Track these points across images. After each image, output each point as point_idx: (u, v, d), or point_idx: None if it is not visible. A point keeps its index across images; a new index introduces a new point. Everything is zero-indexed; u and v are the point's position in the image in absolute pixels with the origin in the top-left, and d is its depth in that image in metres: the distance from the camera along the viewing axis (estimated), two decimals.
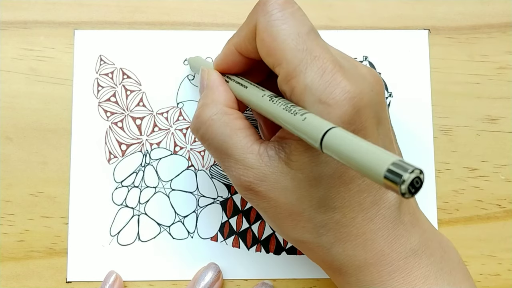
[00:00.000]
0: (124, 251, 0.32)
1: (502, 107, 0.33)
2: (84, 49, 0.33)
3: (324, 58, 0.22)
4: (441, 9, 0.34)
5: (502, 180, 0.33)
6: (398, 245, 0.23)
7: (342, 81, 0.22)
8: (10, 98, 0.33)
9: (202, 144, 0.26)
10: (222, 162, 0.25)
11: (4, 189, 0.32)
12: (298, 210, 0.23)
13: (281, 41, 0.23)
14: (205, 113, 0.25)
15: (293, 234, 0.24)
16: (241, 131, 0.24)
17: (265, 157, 0.24)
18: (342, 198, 0.23)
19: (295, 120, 0.21)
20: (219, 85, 0.27)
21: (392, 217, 0.24)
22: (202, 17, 0.34)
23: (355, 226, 0.23)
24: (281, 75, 0.23)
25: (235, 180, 0.24)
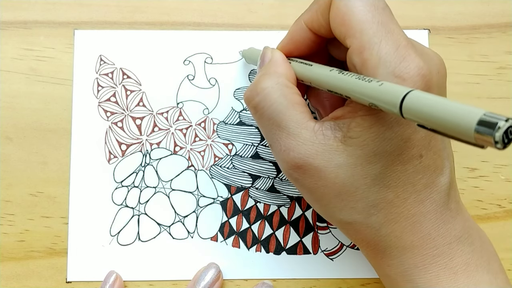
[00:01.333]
0: (124, 251, 0.32)
1: (502, 107, 0.33)
2: (84, 49, 0.33)
3: (399, 33, 0.23)
4: (441, 9, 0.34)
5: (502, 180, 0.33)
6: (444, 230, 0.24)
7: (416, 58, 0.22)
8: (10, 98, 0.33)
9: (254, 114, 0.25)
10: (273, 134, 0.24)
11: (4, 189, 0.32)
12: (349, 189, 0.23)
13: (357, 12, 0.23)
14: (265, 81, 0.25)
15: (341, 215, 0.24)
16: (298, 106, 0.24)
17: (320, 135, 0.23)
18: (397, 178, 0.23)
19: (371, 87, 0.21)
20: (283, 60, 0.26)
21: (441, 202, 0.24)
22: (202, 17, 0.34)
23: (406, 207, 0.23)
24: (353, 46, 0.23)
25: (284, 155, 0.24)
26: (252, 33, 0.33)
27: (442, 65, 0.25)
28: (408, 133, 0.22)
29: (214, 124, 0.33)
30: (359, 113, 0.23)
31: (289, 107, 0.24)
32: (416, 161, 0.23)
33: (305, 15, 0.26)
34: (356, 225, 0.24)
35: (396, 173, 0.23)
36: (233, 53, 0.33)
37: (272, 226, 0.32)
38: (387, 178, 0.23)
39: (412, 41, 0.23)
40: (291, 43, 0.27)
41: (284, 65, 0.26)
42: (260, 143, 0.33)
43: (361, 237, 0.25)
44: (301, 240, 0.32)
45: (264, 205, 0.32)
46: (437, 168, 0.23)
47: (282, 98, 0.24)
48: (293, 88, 0.25)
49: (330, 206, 0.24)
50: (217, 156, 0.33)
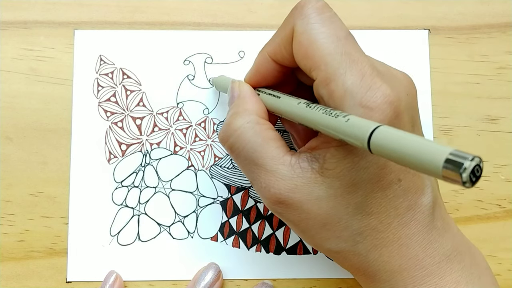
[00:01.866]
0: (124, 251, 0.32)
1: (502, 107, 0.33)
2: (84, 49, 0.33)
3: (363, 61, 0.22)
4: (441, 9, 0.34)
5: (502, 180, 0.33)
6: (432, 250, 0.23)
7: (382, 85, 0.22)
8: (10, 98, 0.33)
9: (231, 154, 0.25)
10: (251, 173, 0.24)
11: (4, 189, 0.32)
12: (333, 220, 0.23)
13: (320, 44, 0.23)
14: (236, 121, 0.25)
15: (328, 245, 0.24)
16: (273, 141, 0.24)
17: (297, 168, 0.23)
18: (379, 204, 0.23)
19: (338, 122, 0.21)
20: (251, 95, 0.26)
21: (426, 222, 0.24)
22: (202, 17, 0.34)
23: (391, 232, 0.23)
24: (319, 79, 0.23)
25: (265, 192, 0.24)
26: (252, 33, 0.33)
27: (411, 86, 0.25)
28: (383, 160, 0.22)
29: (214, 124, 0.33)
30: (332, 143, 0.23)
31: (264, 145, 0.24)
32: (395, 185, 0.23)
33: (268, 47, 0.26)
34: (344, 253, 0.24)
35: (377, 200, 0.23)
36: (233, 53, 0.33)
37: (272, 226, 0.32)
38: (369, 205, 0.23)
39: (378, 67, 0.23)
40: (257, 75, 0.27)
41: (252, 100, 0.26)
42: None
43: (350, 264, 0.25)
44: (301, 240, 0.32)
45: (264, 205, 0.32)
46: (418, 189, 0.23)
47: (255, 137, 0.24)
48: (265, 123, 0.25)
49: (317, 237, 0.24)
50: (217, 156, 0.33)
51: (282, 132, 0.33)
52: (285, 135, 0.33)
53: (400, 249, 0.23)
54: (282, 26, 0.25)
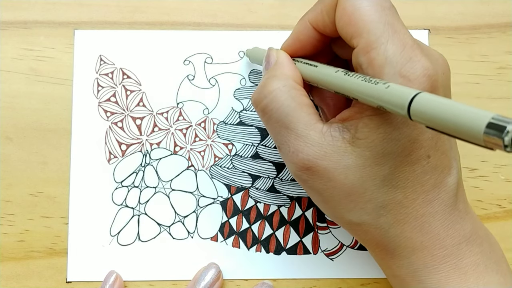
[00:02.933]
0: (124, 251, 0.32)
1: (502, 107, 0.33)
2: (84, 49, 0.33)
3: (405, 33, 0.23)
4: (441, 9, 0.34)
5: (502, 180, 0.33)
6: (453, 230, 0.24)
7: (422, 58, 0.22)
8: (10, 98, 0.33)
9: (262, 116, 0.25)
10: (281, 136, 0.24)
11: (4, 189, 0.32)
12: (359, 190, 0.23)
13: (364, 12, 0.23)
14: (273, 83, 0.25)
15: (350, 216, 0.24)
16: (306, 107, 0.24)
17: (328, 136, 0.23)
18: (406, 178, 0.23)
19: (377, 89, 0.21)
20: (289, 62, 0.26)
21: (450, 203, 0.24)
22: (202, 17, 0.34)
23: (415, 208, 0.23)
24: (360, 46, 0.23)
25: (293, 156, 0.24)
26: (252, 33, 0.33)
27: (447, 66, 0.25)
28: (416, 134, 0.22)
29: (214, 124, 0.33)
30: (365, 113, 0.23)
31: (297, 109, 0.24)
32: (424, 161, 0.23)
33: (310, 15, 0.26)
34: (365, 226, 0.24)
35: (405, 174, 0.23)
36: (233, 53, 0.33)
37: (272, 226, 0.32)
38: (396, 179, 0.23)
39: (417, 42, 0.23)
40: (296, 43, 0.27)
41: (290, 66, 0.26)
42: (260, 143, 0.33)
43: (370, 238, 0.25)
44: (301, 240, 0.32)
45: (264, 205, 0.32)
46: (445, 168, 0.24)
47: (290, 100, 0.24)
48: (301, 89, 0.25)
49: (339, 208, 0.24)
50: (217, 156, 0.33)
51: None
52: None
53: (422, 226, 0.23)
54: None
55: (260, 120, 0.33)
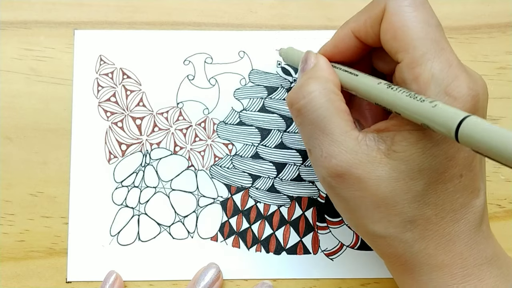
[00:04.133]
0: (124, 251, 0.32)
1: (502, 107, 0.33)
2: (84, 49, 0.33)
3: (451, 52, 0.23)
4: (441, 9, 0.34)
5: (502, 180, 0.33)
6: (476, 251, 0.23)
7: (467, 78, 0.22)
8: (10, 98, 0.33)
9: (296, 116, 0.25)
10: (314, 139, 0.24)
11: (4, 189, 0.32)
12: (389, 203, 0.23)
13: (411, 28, 0.23)
14: (312, 84, 0.24)
15: (375, 228, 0.24)
16: (344, 113, 0.24)
17: (364, 145, 0.23)
18: (437, 196, 0.23)
19: (423, 107, 0.21)
20: (328, 66, 0.26)
21: (475, 224, 0.24)
22: (202, 17, 0.34)
23: (442, 226, 0.23)
24: (405, 61, 0.23)
25: (325, 161, 0.24)
26: (252, 33, 0.33)
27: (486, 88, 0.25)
28: (453, 151, 0.22)
29: (214, 124, 0.33)
30: (405, 127, 0.23)
31: (335, 114, 0.24)
32: (456, 180, 0.23)
33: (353, 24, 0.26)
34: (389, 239, 0.24)
35: (437, 191, 0.23)
36: (233, 53, 0.33)
37: (272, 226, 0.32)
38: (428, 195, 0.23)
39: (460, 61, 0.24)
40: (335, 49, 0.27)
41: (330, 70, 0.26)
42: (260, 143, 0.33)
43: (392, 252, 0.24)
44: (301, 240, 0.32)
45: (264, 205, 0.32)
46: (475, 189, 0.24)
47: (329, 104, 0.24)
48: (340, 95, 0.25)
49: (365, 218, 0.24)
50: (217, 156, 0.33)
51: None
52: None
53: (447, 244, 0.23)
54: (371, 5, 0.25)
55: (260, 120, 0.33)
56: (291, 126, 0.33)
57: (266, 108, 0.33)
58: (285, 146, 0.33)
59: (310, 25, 0.34)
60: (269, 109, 0.33)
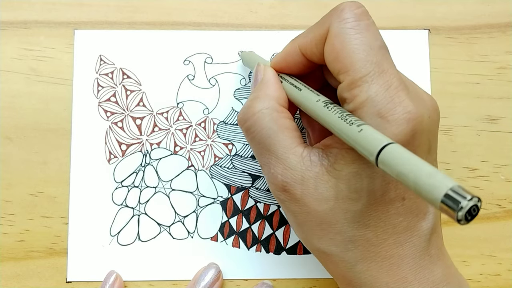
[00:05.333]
0: (124, 251, 0.32)
1: (502, 107, 0.33)
2: (84, 49, 0.33)
3: (392, 74, 0.23)
4: (441, 9, 0.34)
5: (502, 180, 0.33)
6: (421, 275, 0.23)
7: (405, 100, 0.22)
8: (10, 98, 0.33)
9: (246, 136, 0.26)
10: (262, 157, 0.25)
11: (4, 189, 0.32)
12: (330, 221, 0.23)
13: (352, 50, 0.23)
14: (256, 105, 0.25)
15: (319, 244, 0.24)
16: (288, 131, 0.24)
17: (307, 161, 0.23)
18: (378, 218, 0.23)
19: (351, 130, 0.21)
20: (274, 82, 0.27)
21: (421, 247, 0.23)
22: (202, 17, 0.34)
23: (384, 248, 0.23)
24: (345, 82, 0.23)
25: (272, 178, 0.24)
26: (252, 33, 0.33)
27: (436, 111, 0.25)
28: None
29: (214, 124, 0.33)
30: (345, 145, 0.23)
31: (279, 132, 0.24)
32: (398, 203, 0.23)
33: (300, 40, 0.26)
34: (332, 257, 0.24)
35: (377, 213, 0.23)
36: (233, 53, 0.33)
37: (272, 226, 0.32)
38: (368, 216, 0.23)
39: (407, 83, 0.23)
40: (284, 62, 0.27)
41: (275, 86, 0.26)
42: None
43: (336, 269, 0.25)
44: (301, 240, 0.32)
45: (264, 205, 0.32)
46: (420, 213, 0.23)
47: (272, 123, 0.24)
48: (284, 112, 0.25)
49: (311, 234, 0.24)
50: (217, 156, 0.33)
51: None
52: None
53: (390, 267, 0.23)
54: (318, 24, 0.25)
55: None
56: None
57: None
58: None
59: (310, 25, 0.33)
60: None
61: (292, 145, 0.24)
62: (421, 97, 0.24)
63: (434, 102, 0.25)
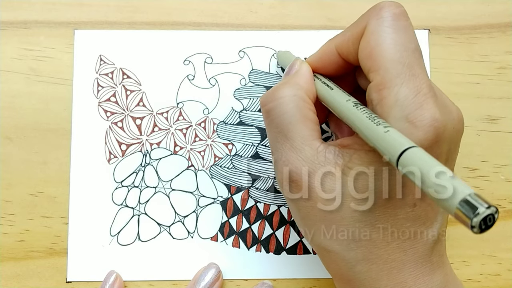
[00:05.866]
0: (124, 251, 0.32)
1: (502, 107, 0.33)
2: (84, 49, 0.33)
3: (422, 79, 0.22)
4: (441, 9, 0.34)
5: (502, 180, 0.33)
6: (421, 281, 0.23)
7: (433, 108, 0.22)
8: (10, 98, 0.33)
9: (265, 118, 0.25)
10: (276, 142, 0.24)
11: (4, 189, 0.32)
12: (336, 218, 0.23)
13: (386, 49, 0.23)
14: (284, 89, 0.25)
15: (321, 241, 0.24)
16: (309, 122, 0.24)
17: (322, 156, 0.23)
18: (386, 220, 0.23)
19: (377, 130, 0.21)
20: (308, 75, 0.26)
21: (424, 254, 0.23)
22: (202, 17, 0.34)
23: (387, 251, 0.23)
24: (374, 82, 0.23)
25: (282, 165, 0.24)
26: (252, 33, 0.33)
27: (460, 122, 0.25)
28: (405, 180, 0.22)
29: (214, 124, 0.33)
30: (364, 147, 0.23)
31: (300, 121, 0.24)
32: (408, 208, 0.23)
33: (338, 39, 0.26)
34: (334, 255, 0.24)
35: (386, 216, 0.23)
36: (233, 53, 0.33)
37: (272, 226, 0.32)
38: (375, 218, 0.23)
39: (436, 90, 0.23)
40: (319, 62, 0.27)
41: (307, 79, 0.26)
42: (260, 143, 0.33)
43: (335, 268, 0.24)
44: (301, 240, 0.32)
45: (264, 205, 0.32)
46: (428, 221, 0.23)
47: (295, 110, 0.24)
48: (310, 104, 0.25)
49: (313, 229, 0.24)
50: (217, 156, 0.33)
51: None
52: None
53: (390, 271, 0.23)
54: (356, 22, 0.25)
55: (260, 120, 0.33)
56: None
57: None
58: None
59: (310, 25, 0.34)
60: None
61: (310, 137, 0.24)
62: (448, 106, 0.24)
63: (460, 113, 0.25)
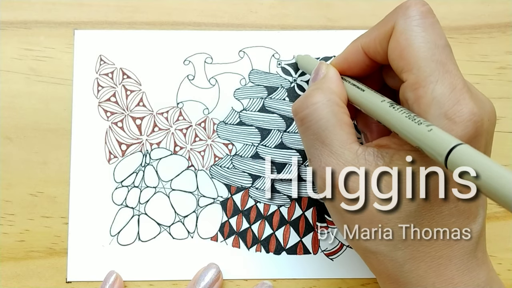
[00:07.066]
0: (124, 251, 0.32)
1: (502, 107, 0.33)
2: (84, 49, 0.33)
3: (456, 75, 0.22)
4: (441, 9, 0.34)
5: None
6: (468, 277, 0.23)
7: (470, 102, 0.22)
8: (10, 98, 0.33)
9: (299, 126, 0.25)
10: (315, 149, 0.24)
11: (4, 189, 0.32)
12: (382, 220, 0.23)
13: (417, 48, 0.23)
14: (317, 96, 0.25)
15: (367, 243, 0.24)
16: (346, 126, 0.24)
17: (362, 159, 0.23)
18: (431, 218, 0.23)
19: (419, 130, 0.21)
20: (337, 78, 0.26)
21: (469, 250, 0.23)
22: (202, 17, 0.34)
23: (434, 248, 0.23)
24: (408, 82, 0.23)
25: (322, 172, 0.24)
26: (252, 33, 0.33)
27: (494, 113, 0.25)
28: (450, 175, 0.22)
29: (214, 124, 0.33)
30: (404, 146, 0.23)
31: (336, 126, 0.24)
32: (452, 204, 0.23)
33: (363, 39, 0.26)
34: (380, 256, 0.24)
35: (431, 213, 0.23)
36: (233, 53, 0.33)
37: (272, 226, 0.32)
38: (421, 216, 0.23)
39: (468, 85, 0.23)
40: (345, 63, 0.27)
41: (337, 83, 0.26)
42: (260, 143, 0.33)
43: (382, 269, 0.24)
44: (301, 240, 0.32)
45: (264, 205, 0.32)
46: (471, 215, 0.23)
47: (331, 115, 0.24)
48: (344, 107, 0.25)
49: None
50: (217, 156, 0.33)
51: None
52: None
53: (438, 267, 0.23)
54: (382, 22, 0.25)
55: (260, 120, 0.33)
56: (291, 126, 0.33)
57: (266, 108, 0.33)
58: (285, 146, 0.33)
59: (310, 25, 0.34)
60: (269, 109, 0.33)
61: (348, 141, 0.24)
62: (482, 99, 0.24)
63: (492, 105, 0.25)
